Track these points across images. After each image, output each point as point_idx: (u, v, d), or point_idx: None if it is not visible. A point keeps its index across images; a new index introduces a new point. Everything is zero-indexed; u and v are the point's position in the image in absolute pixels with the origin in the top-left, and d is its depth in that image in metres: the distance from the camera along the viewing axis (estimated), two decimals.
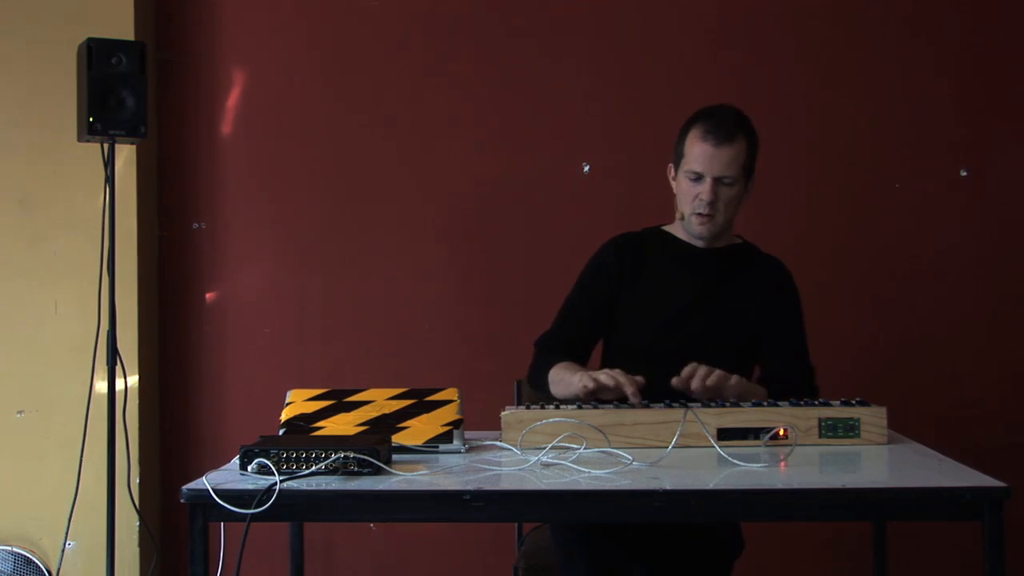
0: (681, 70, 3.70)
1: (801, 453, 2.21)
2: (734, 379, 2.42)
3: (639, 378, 2.37)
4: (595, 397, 2.40)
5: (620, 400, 2.38)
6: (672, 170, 2.73)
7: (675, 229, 2.77)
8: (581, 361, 2.71)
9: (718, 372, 2.40)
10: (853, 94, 3.70)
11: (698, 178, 2.63)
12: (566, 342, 2.72)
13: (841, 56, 3.71)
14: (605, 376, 2.39)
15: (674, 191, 2.73)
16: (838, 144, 3.70)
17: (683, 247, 2.74)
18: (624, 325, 2.73)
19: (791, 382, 2.60)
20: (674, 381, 2.42)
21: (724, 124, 2.62)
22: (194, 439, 3.74)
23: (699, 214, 2.64)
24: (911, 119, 3.69)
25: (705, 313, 2.68)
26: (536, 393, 2.74)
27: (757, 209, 3.56)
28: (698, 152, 2.62)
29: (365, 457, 1.98)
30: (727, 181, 2.62)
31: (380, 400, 2.34)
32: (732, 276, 2.72)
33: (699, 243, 2.72)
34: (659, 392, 2.41)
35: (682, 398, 2.41)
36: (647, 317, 2.70)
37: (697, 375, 2.39)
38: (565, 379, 2.55)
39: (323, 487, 1.92)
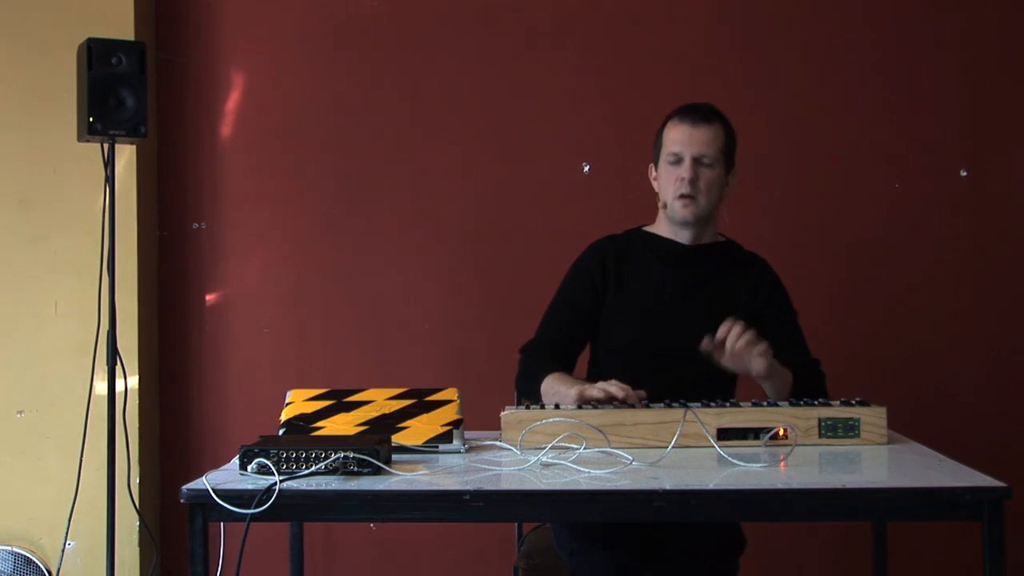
0: (681, 69, 3.70)
1: (801, 453, 2.21)
2: (763, 346, 2.41)
3: (641, 392, 2.37)
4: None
5: (619, 401, 2.38)
6: (652, 169, 2.74)
7: (658, 228, 2.76)
8: (568, 368, 2.68)
9: (750, 333, 2.40)
10: (853, 94, 3.70)
11: (678, 160, 2.64)
12: (552, 349, 2.69)
13: (841, 56, 3.70)
14: (598, 391, 2.38)
15: (656, 189, 2.74)
16: (838, 144, 3.70)
17: (666, 246, 2.73)
18: (610, 329, 2.71)
19: (800, 377, 2.60)
20: (704, 344, 2.43)
21: (700, 109, 2.68)
22: (194, 439, 3.74)
23: (682, 196, 2.64)
24: (911, 119, 3.69)
25: (691, 313, 2.67)
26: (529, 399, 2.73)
27: (757, 209, 3.59)
28: (676, 135, 2.66)
29: (365, 457, 1.98)
30: (707, 162, 2.63)
31: (380, 400, 2.34)
32: (716, 274, 2.72)
33: (683, 240, 2.71)
34: (649, 394, 2.40)
35: (681, 398, 2.41)
36: (633, 320, 2.69)
37: (732, 332, 2.39)
38: (560, 392, 2.52)
39: (323, 487, 1.92)
